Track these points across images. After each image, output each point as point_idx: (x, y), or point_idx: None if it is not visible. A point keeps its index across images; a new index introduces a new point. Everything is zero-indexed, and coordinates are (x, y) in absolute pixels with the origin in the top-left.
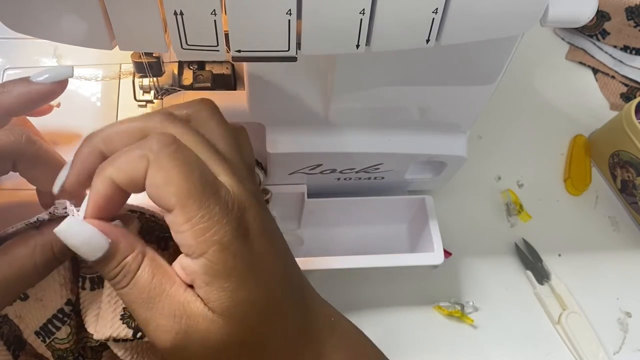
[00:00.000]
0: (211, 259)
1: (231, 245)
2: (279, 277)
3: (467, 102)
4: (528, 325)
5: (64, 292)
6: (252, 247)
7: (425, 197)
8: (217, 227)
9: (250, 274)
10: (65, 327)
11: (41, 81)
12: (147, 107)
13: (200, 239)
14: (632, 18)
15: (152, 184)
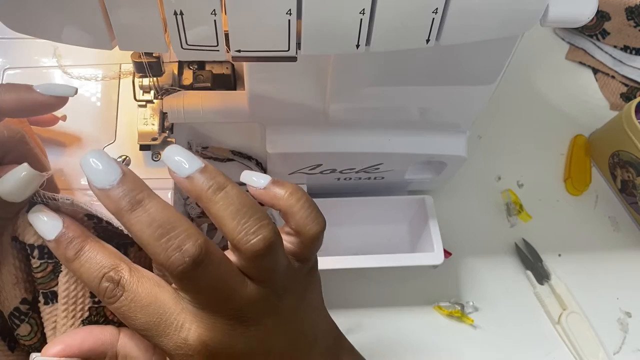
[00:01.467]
0: None
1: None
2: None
3: (467, 102)
4: (528, 325)
5: (17, 292)
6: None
7: (425, 197)
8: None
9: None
10: (25, 325)
11: (41, 92)
12: (147, 107)
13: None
14: (632, 18)
15: None
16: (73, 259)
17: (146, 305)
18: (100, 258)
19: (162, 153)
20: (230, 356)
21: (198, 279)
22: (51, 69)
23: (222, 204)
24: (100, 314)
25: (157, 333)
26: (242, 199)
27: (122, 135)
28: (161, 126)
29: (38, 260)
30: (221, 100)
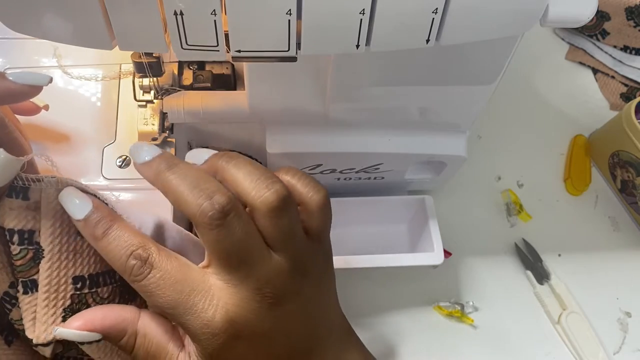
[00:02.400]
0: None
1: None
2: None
3: (467, 102)
4: (528, 325)
5: (4, 276)
6: (225, 349)
7: (425, 197)
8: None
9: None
10: (17, 309)
11: (13, 80)
12: (147, 107)
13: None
14: (632, 18)
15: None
16: (101, 237)
17: (174, 282)
18: (128, 237)
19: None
20: (253, 336)
21: (226, 232)
22: (51, 69)
23: (234, 169)
24: (82, 301)
25: (184, 311)
26: (253, 164)
27: (122, 135)
28: (161, 126)
29: (18, 246)
30: (221, 100)
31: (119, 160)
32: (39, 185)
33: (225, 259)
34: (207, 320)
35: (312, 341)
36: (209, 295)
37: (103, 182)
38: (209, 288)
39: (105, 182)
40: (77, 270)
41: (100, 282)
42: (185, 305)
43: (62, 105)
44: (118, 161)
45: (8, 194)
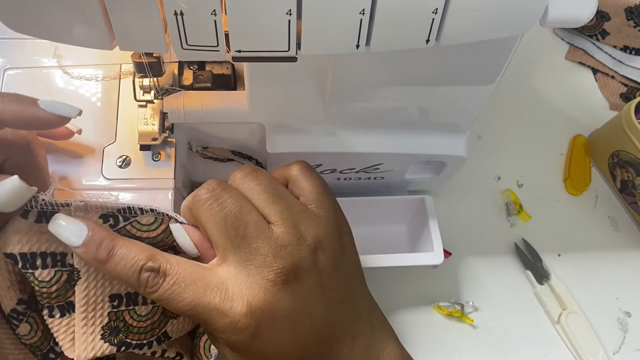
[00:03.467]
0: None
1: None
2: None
3: (467, 102)
4: (528, 325)
5: (12, 294)
6: (251, 339)
7: (425, 197)
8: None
9: (255, 355)
10: (24, 325)
11: (44, 108)
12: (147, 107)
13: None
14: (632, 18)
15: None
16: (107, 259)
17: (189, 284)
18: (135, 252)
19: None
20: (275, 320)
21: (218, 204)
22: (51, 69)
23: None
24: (120, 318)
25: (203, 309)
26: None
27: (122, 135)
28: (161, 126)
29: (52, 269)
30: (221, 100)
31: (119, 160)
32: (67, 209)
33: (224, 236)
34: (226, 310)
35: (339, 326)
36: (223, 288)
37: (103, 182)
38: (222, 282)
39: (105, 182)
40: (114, 289)
41: (138, 300)
42: (203, 304)
43: None
44: (118, 161)
45: (38, 218)
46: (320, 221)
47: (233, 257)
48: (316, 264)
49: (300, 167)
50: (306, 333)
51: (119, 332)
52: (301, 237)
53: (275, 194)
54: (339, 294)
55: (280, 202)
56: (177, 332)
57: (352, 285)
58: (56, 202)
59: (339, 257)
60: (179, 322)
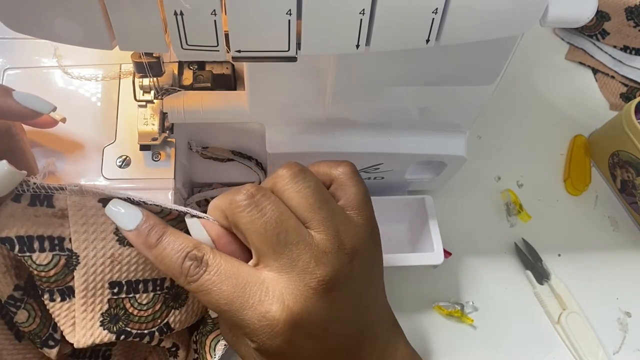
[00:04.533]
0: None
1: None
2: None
3: (467, 102)
4: (528, 325)
5: (8, 280)
6: (286, 345)
7: (425, 197)
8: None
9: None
10: (22, 312)
11: (18, 100)
12: (147, 107)
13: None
14: (632, 18)
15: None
16: (155, 244)
17: (230, 277)
18: (182, 240)
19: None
20: (311, 326)
21: (257, 211)
22: (51, 69)
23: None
24: (120, 306)
25: (241, 305)
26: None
27: (122, 135)
28: (161, 126)
29: (49, 252)
30: (221, 100)
31: (119, 160)
32: (63, 193)
33: (266, 242)
34: (264, 312)
35: (364, 332)
36: (263, 288)
37: (103, 182)
38: (262, 281)
39: (105, 182)
40: (115, 276)
41: (139, 288)
42: (241, 299)
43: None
44: (118, 161)
45: (31, 202)
46: (358, 229)
47: (274, 263)
48: (352, 272)
49: (348, 169)
50: (336, 339)
51: (118, 319)
52: (341, 244)
53: (322, 199)
54: (366, 300)
55: (325, 209)
56: (180, 324)
57: (376, 291)
58: (49, 185)
59: (369, 265)
60: (182, 313)
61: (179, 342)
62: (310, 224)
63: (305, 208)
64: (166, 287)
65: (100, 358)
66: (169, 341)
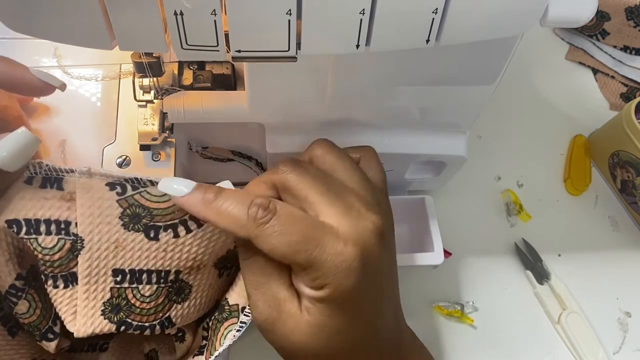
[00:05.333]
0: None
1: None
2: (372, 318)
3: (467, 102)
4: (528, 325)
5: (10, 269)
6: (357, 285)
7: (425, 197)
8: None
9: (350, 311)
10: (23, 302)
11: (35, 75)
12: (147, 107)
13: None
14: (632, 18)
15: None
16: (214, 198)
17: (300, 219)
18: (242, 193)
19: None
20: (376, 268)
21: (306, 167)
22: (51, 69)
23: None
24: (122, 296)
25: (316, 244)
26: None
27: (122, 135)
28: (161, 126)
29: (55, 236)
30: (221, 100)
31: (119, 160)
32: (72, 175)
33: (319, 192)
34: (341, 249)
35: (399, 315)
36: (333, 230)
37: None
38: (330, 226)
39: None
40: (118, 263)
41: (142, 279)
42: (315, 238)
43: (62, 105)
44: (118, 161)
45: (42, 184)
46: (385, 197)
47: (330, 210)
48: (389, 231)
49: (371, 151)
50: (386, 292)
51: (120, 310)
52: (378, 202)
53: (354, 164)
54: (395, 269)
55: (358, 170)
56: (182, 319)
57: (394, 290)
58: (60, 167)
59: (392, 259)
60: (184, 308)
61: (185, 327)
62: (349, 182)
63: (343, 169)
64: (170, 281)
65: (97, 350)
66: (173, 328)
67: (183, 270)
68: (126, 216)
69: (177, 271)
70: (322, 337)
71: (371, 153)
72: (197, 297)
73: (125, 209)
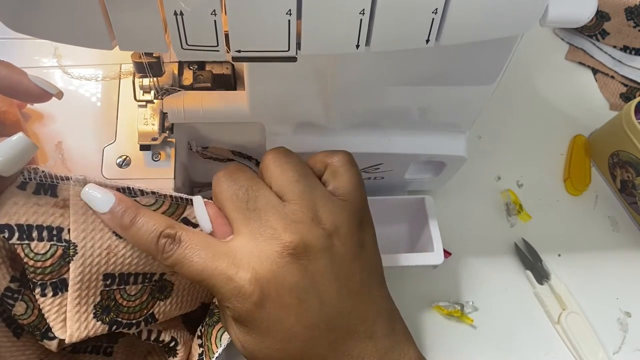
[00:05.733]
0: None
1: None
2: (286, 337)
3: (467, 102)
4: (528, 325)
5: (4, 271)
6: (254, 309)
7: (425, 197)
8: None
9: (255, 331)
10: (20, 303)
11: (34, 81)
12: (147, 107)
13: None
14: (632, 18)
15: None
16: (129, 225)
17: (201, 249)
18: (155, 221)
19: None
20: (281, 291)
21: (230, 178)
22: (51, 69)
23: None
24: (111, 297)
25: (211, 273)
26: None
27: (122, 135)
28: (161, 126)
29: (47, 242)
30: (221, 100)
31: (119, 160)
32: (67, 183)
33: (236, 208)
34: (231, 275)
35: (353, 319)
36: (231, 255)
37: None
38: (231, 250)
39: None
40: (109, 268)
41: (130, 281)
42: (211, 268)
43: (62, 105)
44: (118, 161)
45: (36, 190)
46: (342, 210)
47: (244, 229)
48: (330, 248)
49: (343, 157)
50: (315, 315)
51: (110, 311)
52: (316, 218)
53: (301, 174)
54: (354, 286)
55: (303, 182)
56: (164, 315)
57: (371, 283)
58: (56, 175)
59: (357, 250)
60: (166, 304)
61: (178, 337)
62: (286, 196)
63: (283, 181)
64: (154, 280)
65: (102, 354)
66: (167, 334)
67: (167, 272)
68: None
69: (162, 273)
70: (248, 349)
71: (341, 160)
72: (178, 295)
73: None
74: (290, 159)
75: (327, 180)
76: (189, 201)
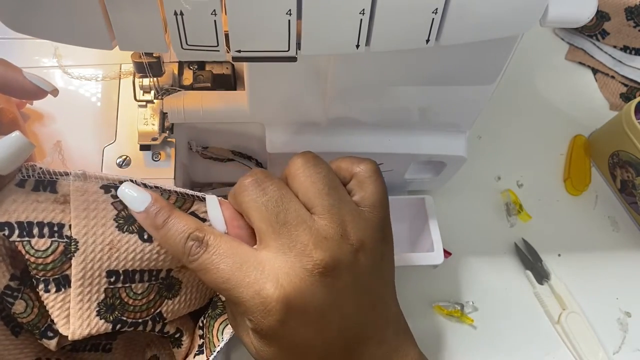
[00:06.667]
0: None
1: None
2: (305, 352)
3: (467, 102)
4: (528, 325)
5: (4, 269)
6: (278, 325)
7: (425, 197)
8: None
9: (275, 346)
10: (19, 302)
11: (29, 78)
12: (147, 107)
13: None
14: (632, 18)
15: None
16: (161, 225)
17: (228, 256)
18: (185, 222)
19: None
20: (306, 310)
21: (260, 189)
22: (51, 69)
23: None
24: (116, 295)
25: (237, 283)
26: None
27: (122, 135)
28: (161, 126)
29: (48, 239)
30: (221, 100)
31: (119, 160)
32: (67, 178)
33: (265, 221)
34: (258, 290)
35: (366, 329)
36: (259, 267)
37: None
38: (259, 262)
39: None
40: (112, 264)
41: (135, 278)
42: (237, 277)
43: (62, 105)
44: (118, 161)
45: (35, 187)
46: (368, 224)
47: (273, 243)
48: (355, 264)
49: (370, 167)
50: (334, 330)
51: (114, 309)
52: (345, 233)
53: (331, 186)
54: (371, 299)
55: (333, 196)
56: (173, 313)
57: (385, 292)
58: (54, 171)
59: (378, 263)
60: (174, 303)
61: (183, 328)
62: (315, 209)
63: (313, 193)
64: (161, 278)
65: (101, 351)
66: (172, 327)
67: (174, 269)
68: (121, 218)
69: (169, 269)
70: (264, 357)
71: (369, 170)
72: (187, 293)
73: (120, 211)
74: (319, 169)
75: (353, 189)
76: (195, 197)
